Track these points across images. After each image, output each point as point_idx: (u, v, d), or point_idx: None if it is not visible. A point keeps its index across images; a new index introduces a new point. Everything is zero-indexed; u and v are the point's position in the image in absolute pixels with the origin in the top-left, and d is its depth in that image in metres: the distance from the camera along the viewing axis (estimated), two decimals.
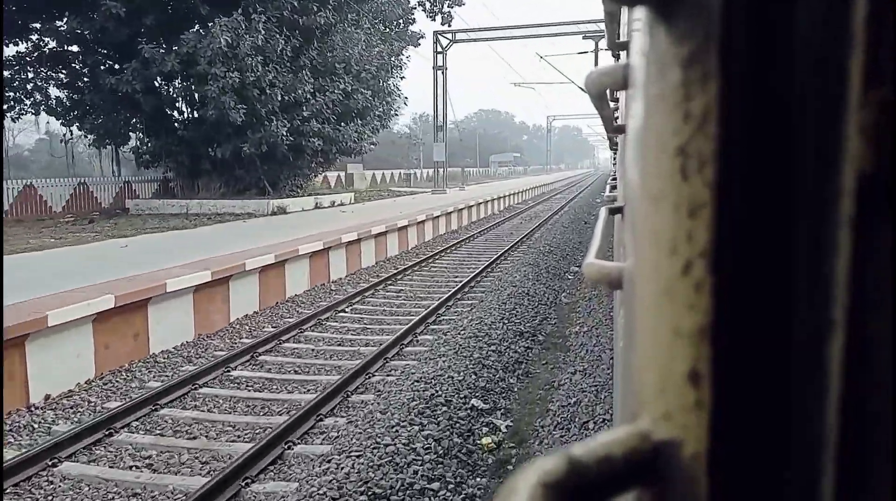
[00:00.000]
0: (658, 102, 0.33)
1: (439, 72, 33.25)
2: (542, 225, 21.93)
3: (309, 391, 6.40)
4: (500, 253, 14.70)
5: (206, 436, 5.44)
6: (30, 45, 20.36)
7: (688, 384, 0.30)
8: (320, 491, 4.21)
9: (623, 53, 1.43)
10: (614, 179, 2.96)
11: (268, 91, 18.92)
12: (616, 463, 0.31)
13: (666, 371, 0.32)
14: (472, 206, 23.83)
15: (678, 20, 0.31)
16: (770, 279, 0.29)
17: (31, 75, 20.65)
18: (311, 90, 20.40)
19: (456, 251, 16.05)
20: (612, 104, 1.73)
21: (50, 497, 4.47)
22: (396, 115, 27.90)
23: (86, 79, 20.55)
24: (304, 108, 20.55)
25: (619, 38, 1.37)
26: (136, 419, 5.65)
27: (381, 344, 7.67)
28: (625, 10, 1.21)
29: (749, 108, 0.29)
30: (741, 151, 0.29)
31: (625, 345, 0.72)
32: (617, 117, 1.88)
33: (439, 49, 32.76)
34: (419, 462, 4.63)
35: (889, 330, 0.27)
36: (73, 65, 20.85)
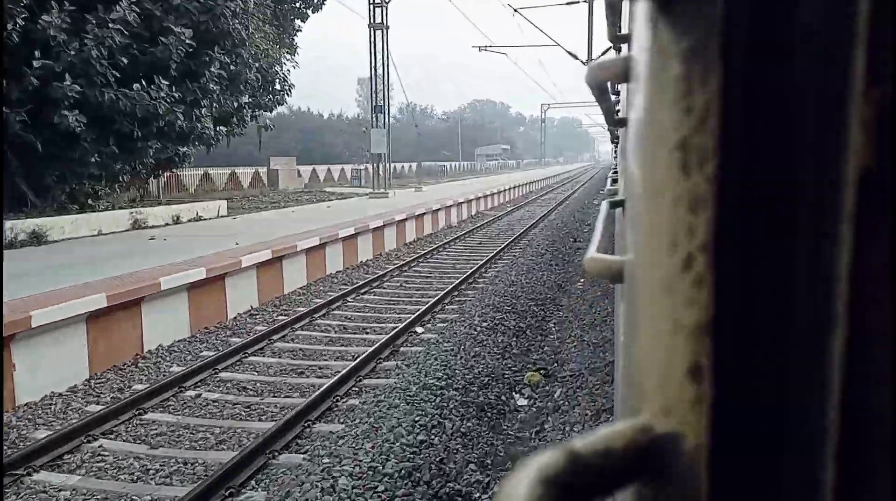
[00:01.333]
0: (659, 95, 0.33)
1: (377, 32, 24.31)
2: (510, 247, 15.26)
3: None
4: (382, 340, 7.36)
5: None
6: None
7: (688, 378, 0.30)
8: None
9: (624, 46, 1.43)
10: (615, 172, 2.96)
11: None
12: (616, 457, 0.31)
13: (666, 366, 0.32)
14: (403, 220, 16.17)
15: (680, 13, 0.31)
16: (771, 274, 0.29)
17: None
18: (61, 23, 11.55)
19: (290, 341, 8.01)
20: (613, 97, 1.73)
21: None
22: (281, 82, 18.57)
23: None
24: (49, 56, 11.67)
25: (620, 31, 1.36)
26: None
27: None
28: (626, 3, 1.20)
29: (750, 102, 0.29)
30: (742, 146, 0.29)
31: (626, 340, 0.73)
32: (618, 111, 1.87)
33: (377, 1, 24.31)
34: None
35: (890, 325, 0.27)
36: None
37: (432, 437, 4.77)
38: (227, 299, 9.15)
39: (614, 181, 2.58)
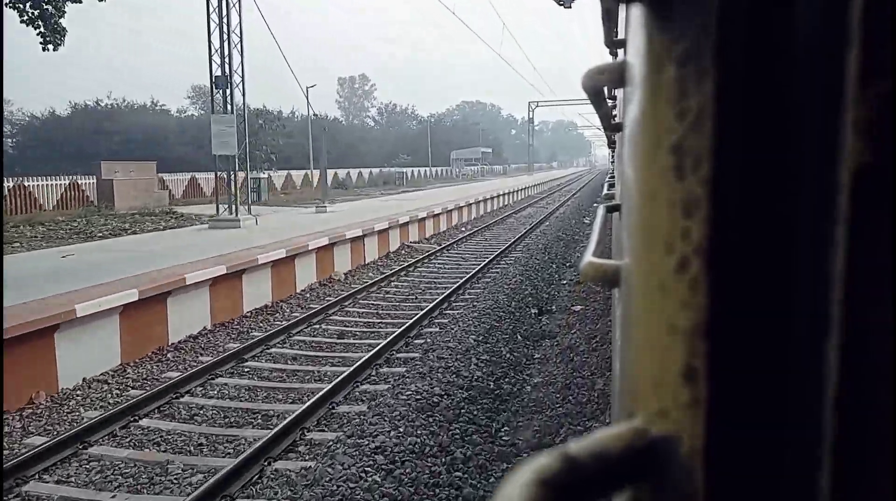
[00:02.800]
0: (654, 99, 0.33)
1: None
2: (404, 343, 7.67)
3: None
4: None
5: None
6: None
7: (683, 381, 0.30)
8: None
9: (620, 51, 1.43)
10: (612, 177, 2.97)
11: None
12: (612, 460, 0.31)
13: (662, 368, 0.32)
14: (169, 293, 7.94)
15: (674, 17, 0.31)
16: (766, 276, 0.29)
17: None
18: None
19: None
20: (609, 102, 1.73)
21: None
22: None
23: None
24: None
25: (616, 36, 1.37)
26: None
27: None
28: (622, 8, 1.21)
29: (744, 105, 0.29)
30: (737, 148, 0.29)
31: (622, 343, 0.73)
32: (615, 115, 1.88)
33: None
34: None
35: (887, 326, 0.27)
36: None
37: None
38: None
39: (611, 186, 2.59)
